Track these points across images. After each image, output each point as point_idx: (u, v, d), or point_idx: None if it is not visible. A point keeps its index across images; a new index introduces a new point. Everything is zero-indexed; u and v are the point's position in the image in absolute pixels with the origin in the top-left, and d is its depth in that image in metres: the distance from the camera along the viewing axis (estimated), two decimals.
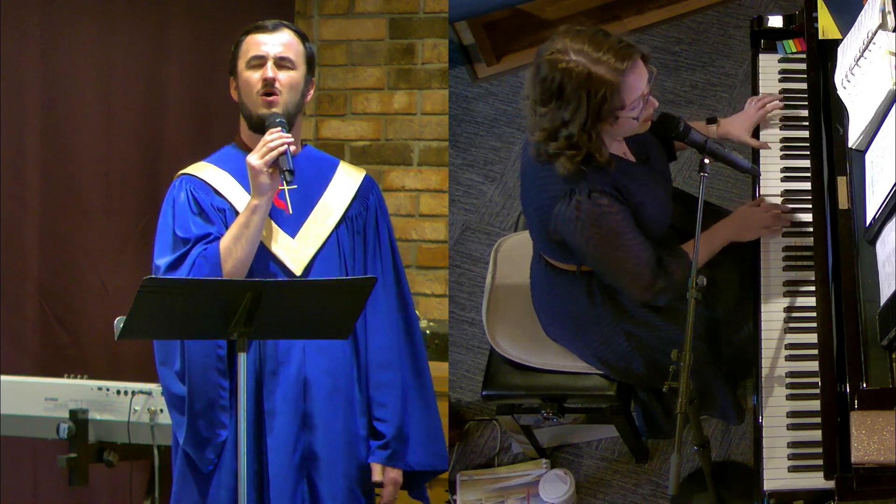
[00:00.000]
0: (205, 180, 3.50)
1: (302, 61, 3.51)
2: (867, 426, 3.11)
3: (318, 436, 3.47)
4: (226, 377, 3.43)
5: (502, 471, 4.53)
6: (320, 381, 3.48)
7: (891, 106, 3.51)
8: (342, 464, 3.50)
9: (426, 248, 5.45)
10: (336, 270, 3.53)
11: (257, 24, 3.51)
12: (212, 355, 3.42)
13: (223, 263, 3.37)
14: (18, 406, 4.19)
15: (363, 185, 3.62)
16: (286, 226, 3.50)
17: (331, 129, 5.63)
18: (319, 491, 3.47)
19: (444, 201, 5.37)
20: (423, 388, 3.61)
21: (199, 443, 3.43)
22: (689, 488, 4.16)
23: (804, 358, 3.51)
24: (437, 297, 5.41)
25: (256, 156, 3.36)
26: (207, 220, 3.45)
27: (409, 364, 3.59)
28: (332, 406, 3.49)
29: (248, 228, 3.38)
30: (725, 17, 5.45)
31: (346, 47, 5.60)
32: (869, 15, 3.73)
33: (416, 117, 5.49)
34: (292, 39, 3.50)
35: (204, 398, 3.42)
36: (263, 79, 3.45)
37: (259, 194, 3.38)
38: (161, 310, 3.16)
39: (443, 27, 5.42)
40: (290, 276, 3.47)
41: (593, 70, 3.47)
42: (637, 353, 3.88)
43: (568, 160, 3.54)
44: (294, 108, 3.49)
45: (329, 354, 3.49)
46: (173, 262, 3.41)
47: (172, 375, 3.45)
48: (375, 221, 3.61)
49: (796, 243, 3.76)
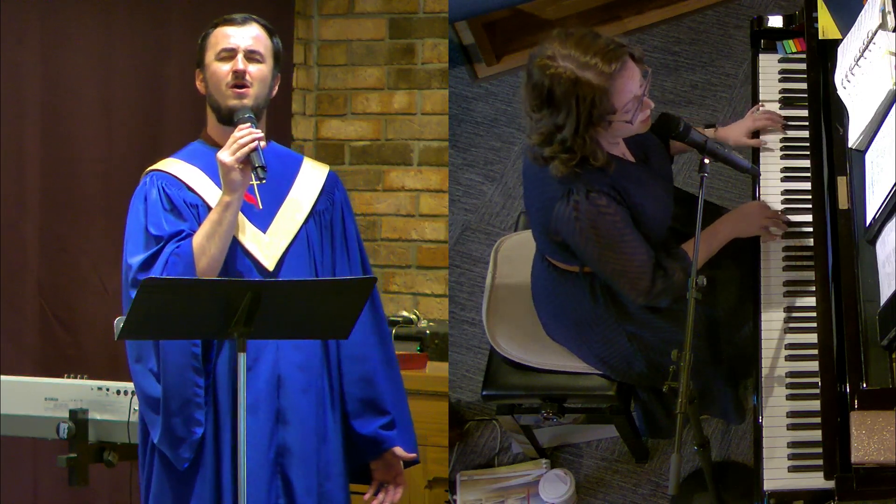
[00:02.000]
0: (176, 176, 3.49)
1: (270, 55, 3.51)
2: (867, 426, 3.11)
3: (292, 431, 3.46)
4: (201, 375, 3.42)
5: (502, 471, 4.53)
6: (294, 376, 3.48)
7: (891, 106, 3.51)
8: (314, 459, 3.51)
9: (426, 248, 5.45)
10: (306, 265, 3.53)
11: (226, 17, 3.51)
12: (187, 353, 3.40)
13: (197, 261, 3.36)
14: (18, 406, 4.18)
15: (328, 180, 3.64)
16: (256, 220, 3.51)
17: (331, 129, 5.63)
18: (294, 486, 3.48)
19: (444, 201, 5.37)
20: (395, 381, 3.63)
21: (174, 441, 3.41)
22: (689, 488, 4.16)
23: (804, 358, 3.51)
24: (437, 297, 5.41)
25: (227, 152, 3.35)
26: (179, 217, 3.45)
27: (381, 357, 3.61)
28: (306, 401, 3.50)
29: (220, 225, 3.37)
30: (725, 17, 5.45)
31: (346, 47, 5.60)
32: (869, 15, 3.73)
33: (416, 117, 5.49)
34: (261, 33, 3.51)
35: (180, 397, 3.40)
36: (234, 71, 3.45)
37: (231, 191, 3.37)
38: (161, 310, 3.16)
39: (443, 27, 5.42)
40: (262, 271, 3.47)
41: (581, 75, 3.45)
42: (639, 354, 3.87)
43: (563, 164, 3.53)
44: (262, 102, 3.50)
45: (302, 350, 3.49)
46: (146, 260, 3.39)
47: (147, 373, 3.43)
48: (342, 216, 3.63)
49: (796, 243, 3.76)
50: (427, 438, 4.64)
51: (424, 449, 4.63)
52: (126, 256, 3.46)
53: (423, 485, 4.69)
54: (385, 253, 5.47)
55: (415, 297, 5.46)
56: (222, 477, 3.43)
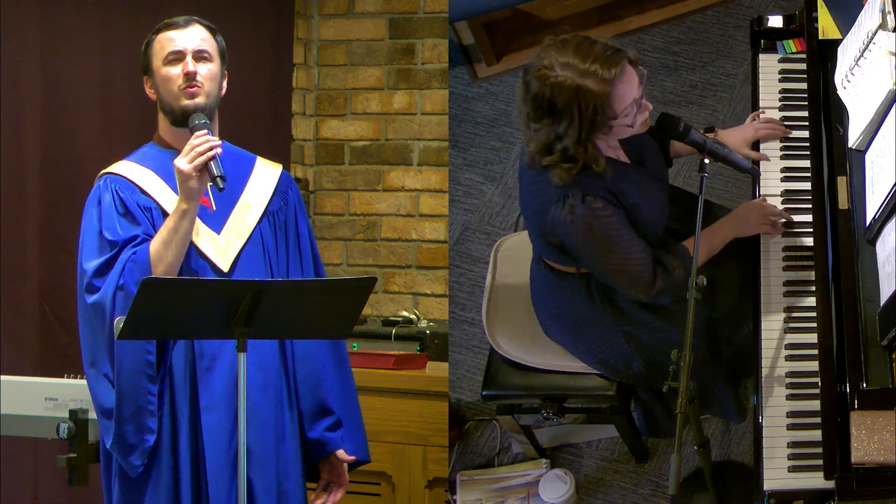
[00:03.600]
0: (129, 179, 3.49)
1: (216, 54, 3.53)
2: (867, 426, 3.11)
3: (251, 431, 3.44)
4: (155, 382, 3.40)
5: (502, 471, 4.53)
6: (253, 376, 3.46)
7: (891, 106, 3.51)
8: (273, 458, 3.52)
9: (426, 248, 5.45)
10: (261, 265, 3.53)
11: (167, 22, 3.53)
12: (141, 360, 3.39)
13: (154, 268, 3.35)
14: (18, 406, 4.17)
15: (281, 179, 3.64)
16: (210, 221, 3.50)
17: (331, 129, 5.63)
18: (254, 486, 3.47)
19: (444, 201, 5.37)
20: (345, 381, 3.64)
21: (125, 448, 3.41)
22: (689, 488, 4.16)
23: (804, 358, 3.51)
24: (437, 297, 5.41)
25: (185, 160, 3.34)
26: (133, 221, 3.44)
27: (330, 356, 3.61)
28: (264, 401, 3.50)
29: (177, 233, 3.37)
30: (725, 17, 5.45)
31: (346, 47, 5.60)
32: (869, 15, 3.73)
33: (416, 117, 5.49)
34: (206, 34, 3.53)
35: (133, 404, 3.39)
36: (185, 73, 3.45)
37: (188, 199, 3.36)
38: (161, 310, 3.16)
39: (443, 27, 5.41)
40: (217, 271, 3.47)
41: (581, 83, 3.44)
42: (636, 355, 3.87)
43: (564, 172, 3.53)
44: (214, 101, 3.50)
45: (260, 349, 3.48)
46: (102, 265, 3.39)
47: (101, 378, 3.42)
48: (295, 216, 3.63)
49: (796, 243, 3.76)
50: (427, 438, 4.65)
51: (424, 449, 4.64)
52: (81, 261, 3.45)
53: (423, 485, 4.69)
54: (385, 253, 5.48)
55: (415, 297, 5.46)
56: (181, 482, 3.42)
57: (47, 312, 5.06)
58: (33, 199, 5.03)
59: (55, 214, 5.07)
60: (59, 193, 5.07)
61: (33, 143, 5.02)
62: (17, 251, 5.00)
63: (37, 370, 4.86)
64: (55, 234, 5.07)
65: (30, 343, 5.03)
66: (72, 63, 5.09)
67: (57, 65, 5.06)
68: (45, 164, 5.04)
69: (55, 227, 5.07)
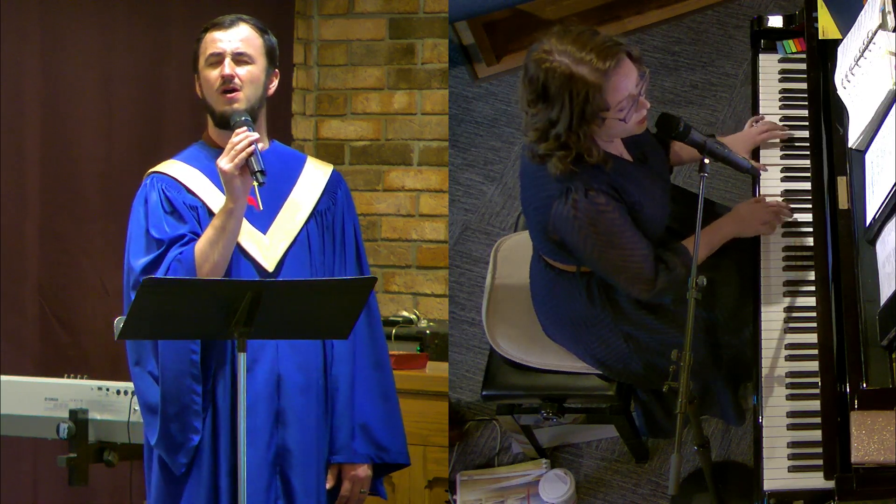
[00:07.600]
0: (176, 178, 3.50)
1: (261, 54, 3.51)
2: (867, 426, 3.11)
3: (292, 431, 3.47)
4: (199, 382, 3.42)
5: (502, 471, 4.53)
6: (293, 377, 3.48)
7: (891, 106, 3.51)
8: (315, 458, 3.52)
9: (426, 248, 5.45)
10: (306, 266, 3.54)
11: (214, 21, 3.52)
12: (185, 360, 3.41)
13: (199, 268, 3.37)
14: (18, 406, 4.18)
15: (331, 179, 3.64)
16: (257, 222, 3.51)
17: (331, 129, 5.63)
18: (293, 486, 3.48)
19: (444, 201, 5.37)
20: (383, 382, 3.63)
21: (171, 447, 3.43)
22: (689, 488, 4.16)
23: (804, 358, 3.51)
24: (437, 297, 5.41)
25: (226, 160, 3.35)
26: (180, 220, 3.45)
27: (369, 356, 3.61)
28: (306, 401, 3.51)
29: (224, 232, 3.38)
30: (725, 17, 5.45)
31: (346, 47, 5.60)
32: (869, 15, 3.73)
33: (416, 117, 5.49)
34: (250, 34, 3.51)
35: (177, 403, 3.41)
36: (221, 76, 3.46)
37: (234, 198, 3.37)
38: (161, 310, 3.16)
39: (443, 27, 5.42)
40: (262, 272, 3.48)
41: (575, 70, 3.45)
42: (635, 355, 3.88)
43: (559, 160, 3.54)
44: (257, 102, 3.50)
45: (301, 350, 3.50)
46: (149, 263, 3.40)
47: (146, 376, 3.44)
48: (342, 216, 3.63)
49: (796, 243, 3.76)
50: (427, 438, 4.65)
51: (424, 449, 4.64)
52: (128, 259, 3.46)
53: (423, 485, 4.69)
54: (385, 253, 5.47)
55: (415, 297, 5.46)
56: (220, 479, 3.44)
57: (47, 312, 5.06)
58: (33, 199, 5.03)
59: (55, 214, 5.07)
60: (59, 193, 5.07)
61: (33, 143, 5.02)
62: (17, 251, 5.00)
63: (37, 370, 4.86)
64: (55, 234, 5.07)
65: (30, 343, 5.03)
66: (72, 63, 5.09)
67: (57, 65, 5.06)
68: (45, 164, 5.04)
69: (55, 227, 5.07)
